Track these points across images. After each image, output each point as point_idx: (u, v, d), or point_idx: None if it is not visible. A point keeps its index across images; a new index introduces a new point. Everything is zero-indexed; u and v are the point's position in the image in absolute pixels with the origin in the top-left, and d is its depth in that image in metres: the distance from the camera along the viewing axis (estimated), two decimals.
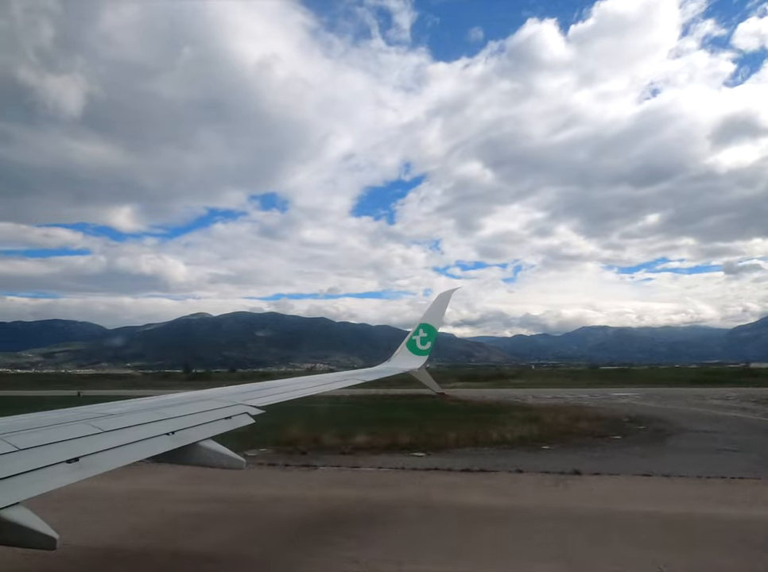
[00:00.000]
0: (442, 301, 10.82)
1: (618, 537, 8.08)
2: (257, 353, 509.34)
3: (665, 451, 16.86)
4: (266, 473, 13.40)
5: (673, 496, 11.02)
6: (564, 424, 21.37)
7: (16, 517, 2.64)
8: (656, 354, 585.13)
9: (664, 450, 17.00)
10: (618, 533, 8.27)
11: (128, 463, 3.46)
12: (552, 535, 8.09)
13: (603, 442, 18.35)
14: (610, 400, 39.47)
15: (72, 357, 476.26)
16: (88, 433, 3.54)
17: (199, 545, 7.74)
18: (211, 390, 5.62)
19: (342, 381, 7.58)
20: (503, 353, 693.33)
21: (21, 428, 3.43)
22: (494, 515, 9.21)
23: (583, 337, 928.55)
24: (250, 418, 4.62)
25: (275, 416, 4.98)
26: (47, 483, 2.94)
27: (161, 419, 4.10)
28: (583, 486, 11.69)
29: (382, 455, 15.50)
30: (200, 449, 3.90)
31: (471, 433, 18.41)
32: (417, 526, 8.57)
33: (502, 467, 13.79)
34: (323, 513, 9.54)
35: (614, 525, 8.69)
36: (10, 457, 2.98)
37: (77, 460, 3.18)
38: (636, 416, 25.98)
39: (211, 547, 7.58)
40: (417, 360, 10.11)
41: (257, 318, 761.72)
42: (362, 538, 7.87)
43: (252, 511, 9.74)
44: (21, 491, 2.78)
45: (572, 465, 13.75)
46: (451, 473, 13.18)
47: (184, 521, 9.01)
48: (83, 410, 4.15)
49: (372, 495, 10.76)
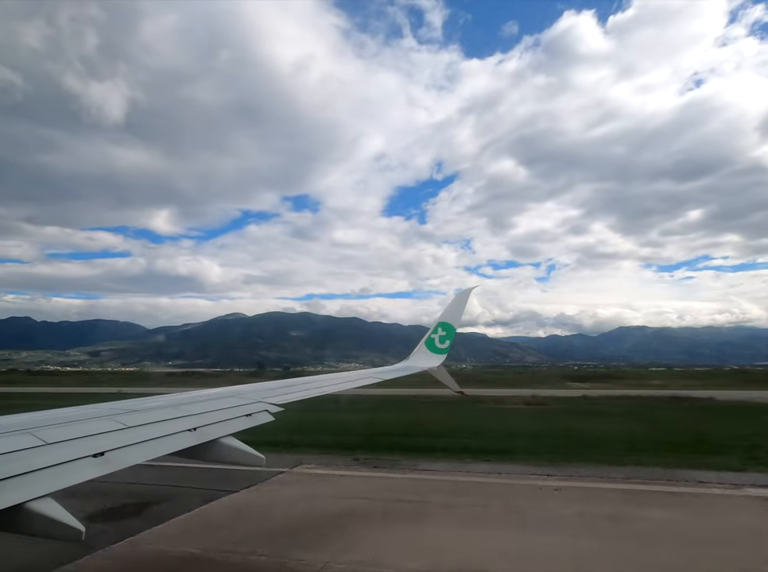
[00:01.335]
0: (460, 299, 10.65)
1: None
2: (293, 353, 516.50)
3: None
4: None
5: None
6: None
7: (44, 509, 2.73)
8: (699, 356, 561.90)
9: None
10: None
11: (151, 458, 3.55)
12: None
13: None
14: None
15: (117, 356, 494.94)
16: (113, 428, 3.65)
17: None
18: (231, 387, 5.71)
19: (361, 380, 7.57)
20: (538, 353, 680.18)
21: (49, 423, 3.56)
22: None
23: (620, 337, 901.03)
24: (269, 415, 4.66)
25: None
26: (74, 476, 3.03)
27: (184, 415, 4.18)
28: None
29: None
30: (221, 445, 3.96)
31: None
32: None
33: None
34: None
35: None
36: (39, 451, 3.09)
37: (102, 454, 3.28)
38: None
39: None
40: (436, 358, 9.98)
41: (291, 319, 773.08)
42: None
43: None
44: (49, 484, 2.88)
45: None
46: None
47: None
48: (108, 406, 4.28)
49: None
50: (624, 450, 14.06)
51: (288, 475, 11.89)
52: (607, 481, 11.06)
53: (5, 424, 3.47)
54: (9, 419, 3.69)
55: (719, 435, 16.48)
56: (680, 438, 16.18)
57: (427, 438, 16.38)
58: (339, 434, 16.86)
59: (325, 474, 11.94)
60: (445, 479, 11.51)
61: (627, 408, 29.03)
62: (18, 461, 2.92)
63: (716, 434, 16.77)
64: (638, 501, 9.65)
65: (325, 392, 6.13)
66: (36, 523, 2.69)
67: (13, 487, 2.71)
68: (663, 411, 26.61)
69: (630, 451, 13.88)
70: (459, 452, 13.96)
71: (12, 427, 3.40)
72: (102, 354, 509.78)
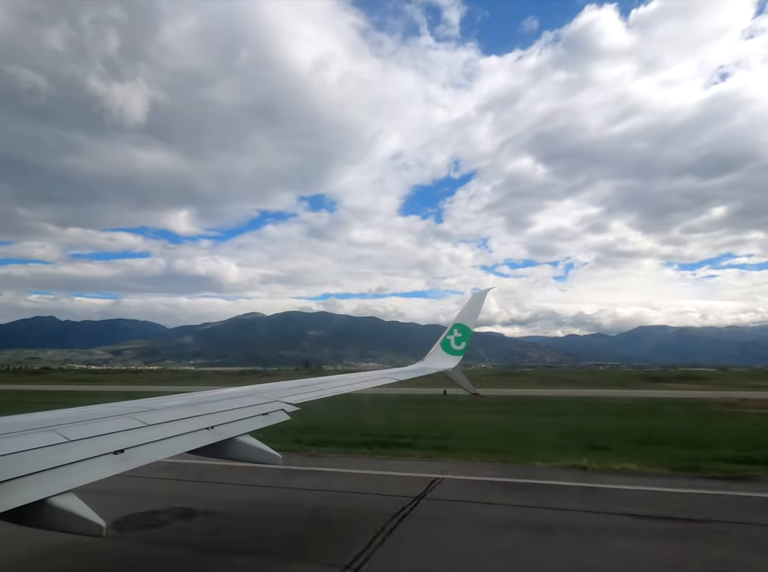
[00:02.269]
0: (477, 301, 10.57)
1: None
2: (312, 352, 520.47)
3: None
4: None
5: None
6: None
7: (66, 504, 2.80)
8: (724, 356, 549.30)
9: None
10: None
11: (170, 456, 3.60)
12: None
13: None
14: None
15: (138, 355, 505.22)
16: (132, 426, 3.71)
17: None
18: (247, 387, 5.76)
19: (377, 380, 7.58)
20: (558, 353, 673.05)
21: (71, 421, 3.64)
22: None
23: (641, 337, 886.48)
24: (285, 414, 4.70)
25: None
26: (95, 473, 3.10)
27: (201, 414, 4.24)
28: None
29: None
30: (238, 444, 4.01)
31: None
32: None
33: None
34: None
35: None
36: (61, 448, 3.17)
37: (122, 451, 3.34)
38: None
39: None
40: (452, 360, 9.94)
41: (308, 318, 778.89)
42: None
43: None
44: (72, 479, 2.94)
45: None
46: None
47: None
48: (128, 404, 4.36)
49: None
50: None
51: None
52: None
53: (29, 422, 3.56)
54: (34, 416, 3.79)
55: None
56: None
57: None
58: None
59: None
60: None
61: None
62: (42, 457, 2.99)
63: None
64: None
65: (341, 392, 6.17)
66: (58, 518, 2.76)
67: (36, 483, 2.78)
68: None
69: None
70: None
71: (36, 424, 3.49)
72: (125, 353, 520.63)
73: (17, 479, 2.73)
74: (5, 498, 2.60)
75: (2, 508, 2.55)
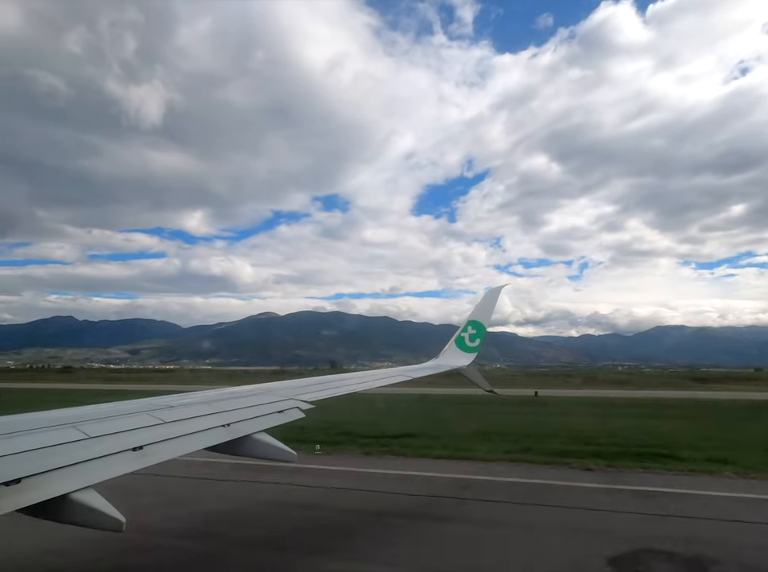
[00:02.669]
0: (491, 298, 10.51)
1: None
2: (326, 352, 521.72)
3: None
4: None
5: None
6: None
7: (87, 500, 2.86)
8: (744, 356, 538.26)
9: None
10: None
11: (187, 452, 3.65)
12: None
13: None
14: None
15: (155, 354, 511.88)
16: (150, 423, 3.78)
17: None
18: (263, 385, 5.82)
19: (391, 378, 7.59)
20: (573, 353, 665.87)
21: (91, 418, 3.71)
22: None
23: (657, 337, 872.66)
24: (300, 412, 4.74)
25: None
26: (114, 469, 3.16)
27: (218, 411, 4.31)
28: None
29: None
30: (254, 441, 4.05)
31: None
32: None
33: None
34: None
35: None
36: (82, 444, 3.24)
37: (141, 448, 3.40)
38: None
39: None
40: (466, 357, 9.90)
41: (322, 318, 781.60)
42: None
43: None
44: (92, 475, 3.01)
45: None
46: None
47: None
48: (146, 401, 4.43)
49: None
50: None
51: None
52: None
53: (51, 418, 3.64)
54: (55, 413, 3.88)
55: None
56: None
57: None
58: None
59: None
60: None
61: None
62: (63, 453, 3.07)
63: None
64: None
65: (356, 390, 6.19)
66: (79, 512, 2.82)
67: (58, 478, 2.85)
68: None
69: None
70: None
71: (57, 421, 3.57)
72: (142, 352, 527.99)
73: (39, 475, 2.80)
74: (28, 493, 2.66)
75: (26, 502, 2.61)
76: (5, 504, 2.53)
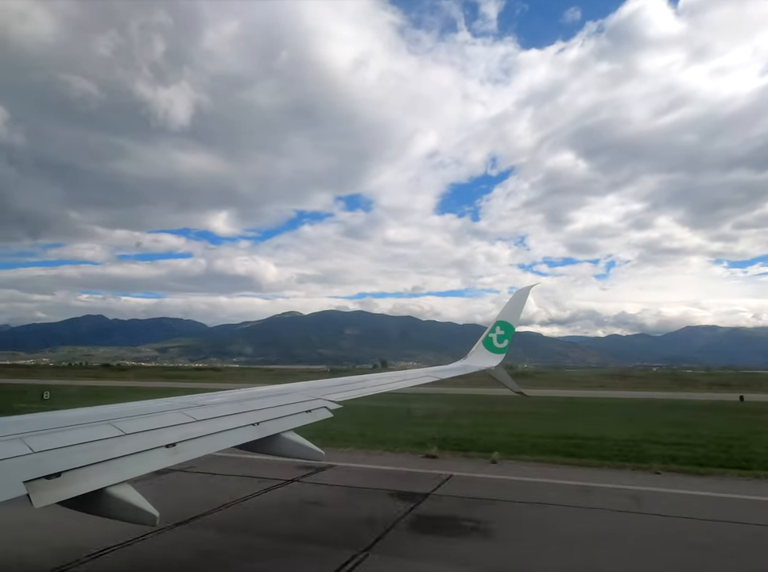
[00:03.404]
0: (519, 298, 10.40)
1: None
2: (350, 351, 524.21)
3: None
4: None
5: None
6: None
7: (122, 494, 2.95)
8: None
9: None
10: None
11: (218, 450, 3.74)
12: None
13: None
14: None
15: (184, 353, 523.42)
16: (183, 421, 3.89)
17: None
18: (290, 384, 5.89)
19: (419, 378, 7.58)
20: (600, 353, 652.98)
21: (127, 415, 3.84)
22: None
23: (688, 337, 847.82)
24: (328, 412, 4.79)
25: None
26: (148, 464, 3.26)
27: (248, 410, 4.39)
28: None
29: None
30: (283, 440, 4.12)
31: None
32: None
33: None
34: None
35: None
36: (118, 441, 3.35)
37: (174, 445, 3.50)
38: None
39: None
40: (494, 358, 9.81)
41: (345, 317, 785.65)
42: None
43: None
44: (127, 470, 3.11)
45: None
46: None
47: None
48: (179, 400, 4.55)
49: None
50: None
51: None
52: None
53: (89, 415, 3.78)
54: (93, 410, 4.02)
55: None
56: None
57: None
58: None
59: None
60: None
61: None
62: (100, 449, 3.19)
63: None
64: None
65: (382, 390, 6.20)
66: (115, 506, 2.93)
67: (95, 473, 2.96)
68: None
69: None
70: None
71: (96, 417, 3.71)
72: (171, 351, 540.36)
73: (78, 469, 2.90)
74: (68, 486, 2.77)
75: (66, 495, 2.72)
76: (47, 496, 2.64)
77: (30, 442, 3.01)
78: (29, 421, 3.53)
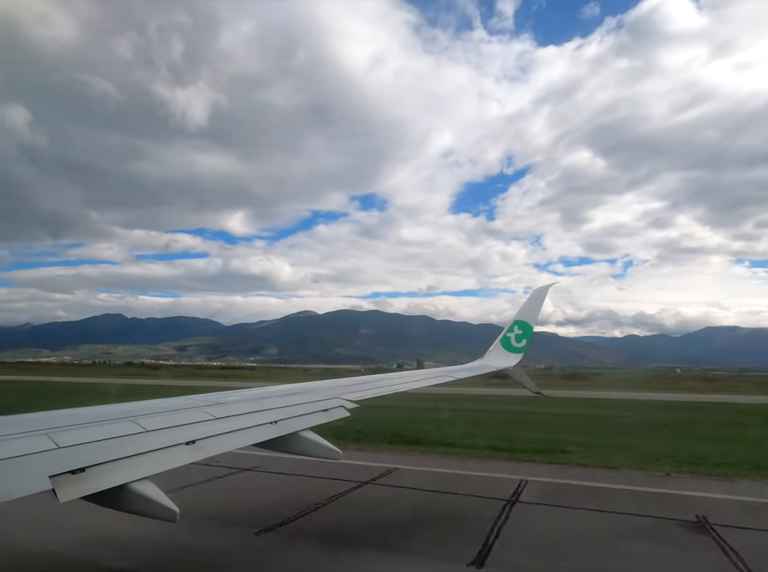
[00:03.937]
0: (538, 297, 10.25)
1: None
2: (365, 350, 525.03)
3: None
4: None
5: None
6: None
7: (144, 490, 3.01)
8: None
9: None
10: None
11: (237, 447, 3.79)
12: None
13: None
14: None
15: (201, 351, 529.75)
16: (202, 419, 3.95)
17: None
18: (307, 383, 5.94)
19: (435, 378, 7.55)
20: (618, 354, 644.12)
21: (148, 412, 3.92)
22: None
23: (708, 338, 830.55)
24: (345, 411, 4.82)
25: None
26: (169, 461, 3.32)
27: (266, 408, 4.45)
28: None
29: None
30: (300, 438, 4.16)
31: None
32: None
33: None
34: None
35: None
36: (140, 437, 3.43)
37: (194, 442, 3.56)
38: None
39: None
40: (512, 358, 9.70)
41: (360, 316, 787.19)
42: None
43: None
44: (148, 467, 3.17)
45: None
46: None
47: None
48: (199, 398, 4.61)
49: None
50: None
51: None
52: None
53: (111, 412, 3.86)
54: (115, 407, 4.11)
55: None
56: None
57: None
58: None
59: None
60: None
61: None
62: (122, 446, 3.26)
63: None
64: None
65: (399, 390, 6.20)
66: (136, 502, 2.98)
67: (117, 469, 3.02)
68: None
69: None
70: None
71: (118, 414, 3.79)
72: (188, 349, 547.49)
73: (101, 465, 2.97)
74: (91, 482, 2.83)
75: (90, 490, 2.78)
76: (72, 491, 2.70)
77: (55, 438, 3.09)
78: (54, 417, 3.61)
